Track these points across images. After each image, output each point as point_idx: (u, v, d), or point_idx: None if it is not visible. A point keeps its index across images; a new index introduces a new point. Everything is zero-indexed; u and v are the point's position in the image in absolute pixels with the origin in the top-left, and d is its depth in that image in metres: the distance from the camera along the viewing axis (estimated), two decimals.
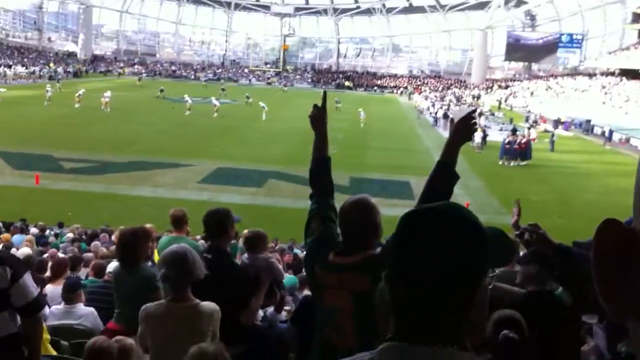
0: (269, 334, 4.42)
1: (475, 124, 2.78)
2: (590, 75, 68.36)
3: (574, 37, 74.21)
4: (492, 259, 1.29)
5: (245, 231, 6.50)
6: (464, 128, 2.68)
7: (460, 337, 1.18)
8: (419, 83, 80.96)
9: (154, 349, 3.49)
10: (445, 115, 44.17)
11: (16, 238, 12.71)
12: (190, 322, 3.45)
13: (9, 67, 64.31)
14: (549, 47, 75.34)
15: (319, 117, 3.13)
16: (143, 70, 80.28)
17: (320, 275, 2.82)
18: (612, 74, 65.26)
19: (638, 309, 0.45)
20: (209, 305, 3.56)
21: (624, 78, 61.00)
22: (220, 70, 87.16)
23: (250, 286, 4.45)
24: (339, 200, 3.00)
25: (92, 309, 5.89)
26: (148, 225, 8.78)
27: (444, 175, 2.66)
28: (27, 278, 3.41)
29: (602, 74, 67.15)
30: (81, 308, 5.86)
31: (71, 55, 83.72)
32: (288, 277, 8.06)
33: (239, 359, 3.06)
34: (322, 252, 2.88)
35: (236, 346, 3.13)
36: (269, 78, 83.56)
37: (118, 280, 4.81)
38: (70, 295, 5.86)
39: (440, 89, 75.04)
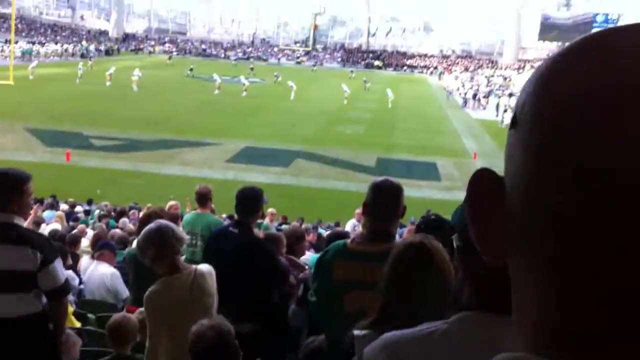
0: (280, 313, 4.40)
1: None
2: None
3: (609, 17, 72.43)
4: None
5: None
6: None
7: None
8: (449, 63, 79.95)
9: (170, 326, 3.37)
10: (475, 96, 43.68)
11: (47, 214, 12.96)
12: (197, 286, 3.39)
13: (42, 44, 65.01)
14: (583, 27, 73.56)
15: None
16: (173, 49, 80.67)
17: (342, 268, 2.71)
18: None
19: (507, 249, 0.48)
20: (204, 266, 3.53)
21: None
22: (250, 49, 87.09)
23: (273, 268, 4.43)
24: (365, 181, 3.00)
25: (116, 271, 6.11)
26: (172, 202, 8.85)
27: None
28: (57, 264, 3.48)
29: None
30: (107, 267, 6.08)
31: (103, 33, 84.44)
32: (311, 256, 8.08)
33: (251, 336, 3.06)
34: (336, 246, 2.83)
35: (249, 324, 3.12)
36: (298, 57, 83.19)
37: (137, 262, 4.38)
38: (100, 252, 6.13)
39: (471, 69, 73.98)
